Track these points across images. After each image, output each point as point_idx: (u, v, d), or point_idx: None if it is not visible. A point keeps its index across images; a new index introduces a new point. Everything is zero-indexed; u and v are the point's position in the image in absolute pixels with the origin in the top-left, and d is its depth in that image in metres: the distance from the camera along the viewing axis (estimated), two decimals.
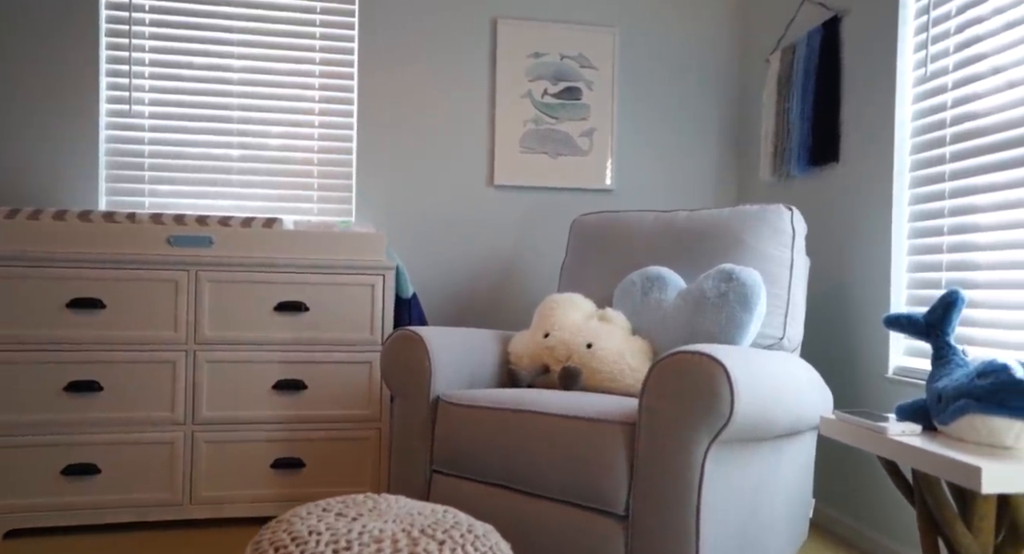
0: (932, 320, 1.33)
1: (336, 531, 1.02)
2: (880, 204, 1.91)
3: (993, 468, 0.99)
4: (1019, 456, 1.05)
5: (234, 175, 2.41)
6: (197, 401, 1.99)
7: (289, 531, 1.03)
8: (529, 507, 1.43)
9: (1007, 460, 1.03)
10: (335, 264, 2.06)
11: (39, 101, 2.29)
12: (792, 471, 1.61)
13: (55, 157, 2.30)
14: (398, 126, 2.51)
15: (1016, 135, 1.51)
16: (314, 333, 2.05)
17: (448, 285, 2.54)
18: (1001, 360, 1.12)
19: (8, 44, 2.27)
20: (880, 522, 1.87)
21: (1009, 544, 1.14)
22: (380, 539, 1.00)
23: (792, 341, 1.78)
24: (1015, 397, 1.07)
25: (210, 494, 2.00)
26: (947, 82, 1.71)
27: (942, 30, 1.73)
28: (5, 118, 2.28)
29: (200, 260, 1.98)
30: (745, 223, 1.83)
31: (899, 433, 1.20)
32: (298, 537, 1.01)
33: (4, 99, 2.28)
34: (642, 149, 2.67)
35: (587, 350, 1.69)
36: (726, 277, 1.64)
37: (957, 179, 1.67)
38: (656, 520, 1.27)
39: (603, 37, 2.61)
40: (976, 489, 1.00)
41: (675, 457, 1.25)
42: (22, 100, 2.28)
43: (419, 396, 1.65)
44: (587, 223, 2.15)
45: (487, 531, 1.10)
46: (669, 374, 1.26)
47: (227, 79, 2.40)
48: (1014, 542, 1.13)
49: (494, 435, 1.49)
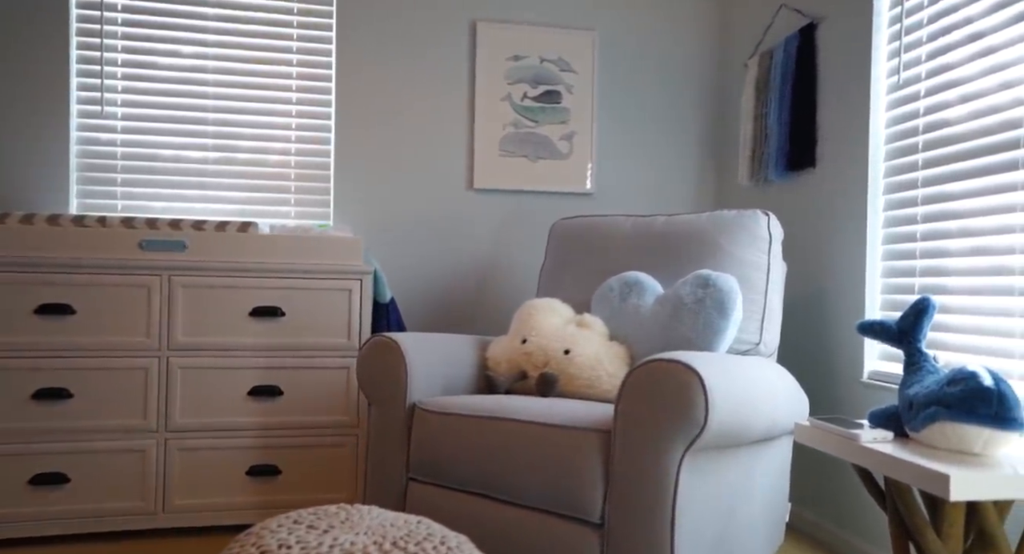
0: (904, 327, 1.34)
1: (307, 544, 1.00)
2: (855, 210, 1.93)
3: (961, 476, 1.00)
4: (987, 463, 1.07)
5: (209, 178, 2.38)
6: (170, 408, 1.95)
7: (259, 545, 1.01)
8: (505, 515, 1.42)
9: (975, 467, 1.04)
10: (311, 268, 2.04)
11: (7, 102, 2.24)
12: (768, 476, 1.62)
13: (24, 159, 2.25)
14: (377, 129, 2.49)
15: (986, 143, 1.53)
16: (290, 338, 2.03)
17: (427, 289, 2.52)
18: (970, 367, 1.14)
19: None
20: (856, 525, 1.89)
21: (978, 549, 1.15)
22: (351, 552, 0.99)
23: (769, 346, 1.79)
24: (983, 405, 1.08)
25: (184, 502, 1.97)
26: (920, 90, 1.73)
27: (914, 39, 1.75)
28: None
29: (173, 265, 1.95)
30: (722, 228, 1.84)
31: (871, 440, 1.20)
32: (268, 551, 0.99)
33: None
34: (622, 153, 2.67)
35: (564, 356, 1.69)
36: (703, 283, 1.64)
37: (929, 186, 1.69)
38: (631, 528, 1.27)
39: (583, 40, 2.61)
40: (944, 497, 1.00)
41: (650, 465, 1.25)
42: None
43: (395, 403, 1.64)
44: (566, 227, 2.15)
45: (461, 542, 1.09)
46: (644, 382, 1.26)
47: (202, 80, 2.36)
48: (983, 548, 1.14)
49: (470, 443, 1.48)
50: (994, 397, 1.08)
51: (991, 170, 1.52)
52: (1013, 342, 1.45)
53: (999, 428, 1.08)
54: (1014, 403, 1.08)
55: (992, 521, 1.09)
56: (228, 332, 1.99)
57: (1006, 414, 1.08)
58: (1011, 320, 1.46)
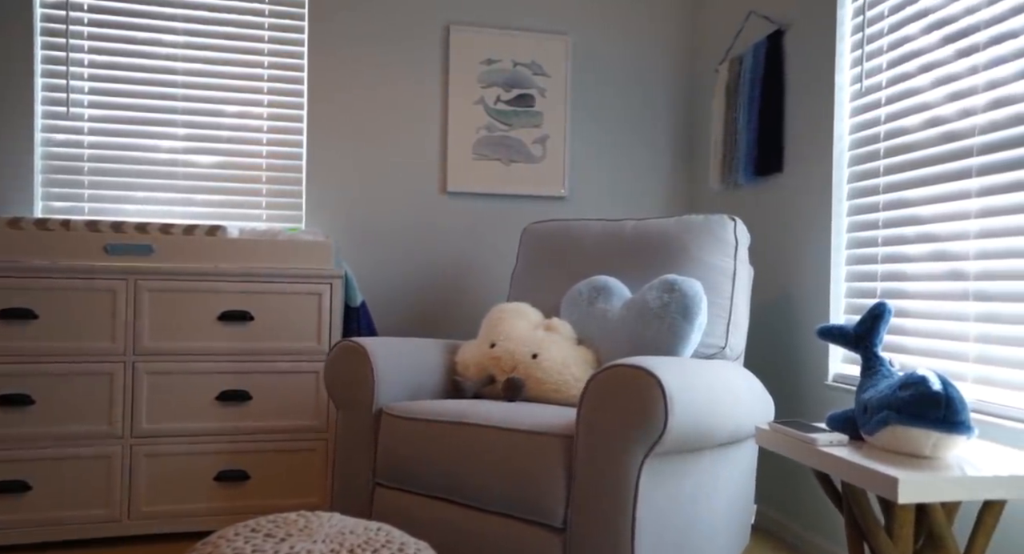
0: (861, 332, 1.36)
1: (263, 553, 1.00)
2: (821, 215, 1.96)
3: (909, 479, 1.03)
4: (936, 466, 1.09)
5: (179, 181, 2.36)
6: (136, 413, 1.93)
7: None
8: (470, 520, 1.43)
9: (923, 470, 1.06)
10: (281, 272, 2.03)
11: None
12: (733, 478, 1.64)
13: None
14: (349, 132, 2.48)
15: (940, 151, 1.56)
16: (259, 343, 2.02)
17: (400, 293, 2.52)
18: (920, 372, 1.16)
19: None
20: (822, 527, 1.92)
21: (928, 550, 1.18)
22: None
23: (734, 350, 1.81)
24: (932, 409, 1.11)
25: (150, 509, 1.95)
26: (881, 97, 1.76)
27: (876, 47, 1.78)
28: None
29: (139, 269, 1.93)
30: (689, 233, 1.86)
31: (827, 444, 1.23)
32: None
33: None
34: (595, 156, 2.69)
35: (532, 360, 1.69)
36: (668, 288, 1.66)
37: (890, 192, 1.72)
38: (592, 532, 1.28)
39: (556, 45, 2.62)
40: (893, 499, 1.03)
41: (610, 470, 1.26)
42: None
43: (362, 408, 1.64)
44: (537, 231, 2.16)
45: (420, 549, 1.09)
46: (605, 388, 1.27)
47: (171, 81, 2.34)
48: (932, 548, 1.16)
49: (435, 448, 1.48)
50: (942, 401, 1.10)
51: (945, 177, 1.55)
52: (967, 345, 1.49)
53: (947, 431, 1.10)
54: (961, 407, 1.11)
55: (940, 522, 1.11)
56: (196, 337, 1.97)
57: (954, 418, 1.10)
58: (965, 324, 1.49)
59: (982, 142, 1.46)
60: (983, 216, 1.46)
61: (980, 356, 1.46)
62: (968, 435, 1.12)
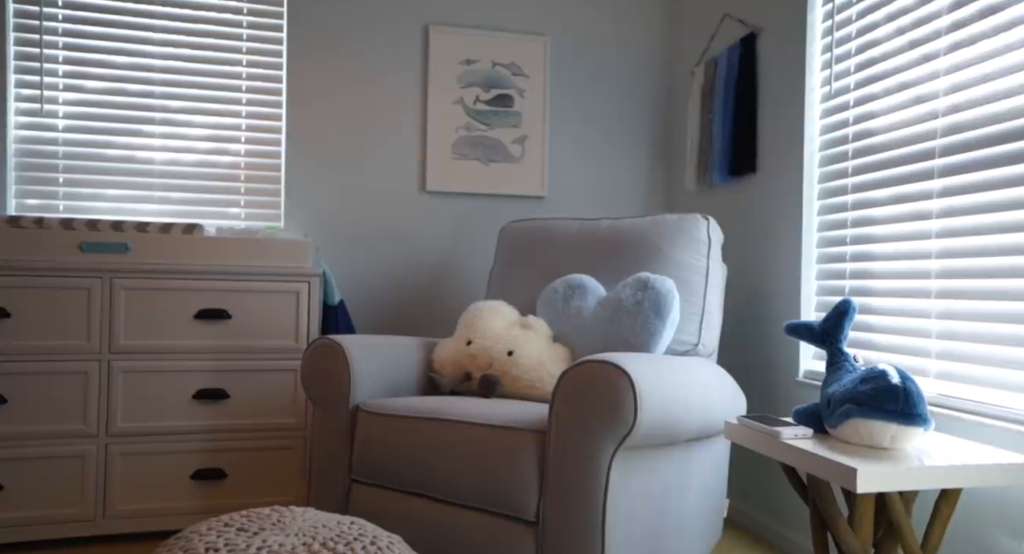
0: (826, 328, 1.40)
1: (235, 547, 1.01)
2: (792, 215, 2.00)
3: (868, 469, 1.06)
4: (895, 457, 1.12)
5: (156, 179, 2.35)
6: (111, 412, 1.92)
7: (186, 548, 1.01)
8: (445, 515, 1.44)
9: (882, 461, 1.09)
10: (258, 270, 2.03)
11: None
12: (705, 473, 1.67)
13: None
14: (329, 131, 2.48)
15: (905, 153, 1.60)
16: (237, 341, 2.01)
17: (379, 292, 2.53)
18: (881, 366, 1.20)
19: None
20: (794, 520, 1.96)
21: (888, 539, 1.21)
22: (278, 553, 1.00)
23: (707, 347, 1.84)
24: (891, 401, 1.14)
25: (126, 508, 1.94)
26: (849, 100, 1.80)
27: (845, 50, 1.82)
28: None
29: (115, 267, 1.92)
30: (663, 232, 1.89)
31: (791, 437, 1.26)
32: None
33: None
34: (574, 157, 2.71)
35: (508, 357, 1.71)
36: (642, 285, 1.69)
37: (858, 192, 1.77)
38: (564, 526, 1.30)
39: (535, 46, 2.64)
40: (852, 489, 1.06)
41: (581, 464, 1.29)
42: None
43: (338, 405, 1.65)
44: (515, 230, 2.18)
45: (392, 542, 1.10)
46: (576, 383, 1.29)
47: (148, 79, 2.33)
48: (892, 537, 1.20)
49: (411, 444, 1.49)
50: (900, 394, 1.14)
51: (909, 179, 1.59)
52: (929, 342, 1.53)
53: (905, 423, 1.14)
54: (919, 400, 1.14)
55: (898, 512, 1.15)
56: (172, 335, 1.97)
57: (911, 410, 1.14)
58: (927, 321, 1.53)
59: (944, 144, 1.50)
60: (944, 216, 1.50)
61: (942, 352, 1.50)
62: (925, 427, 1.16)
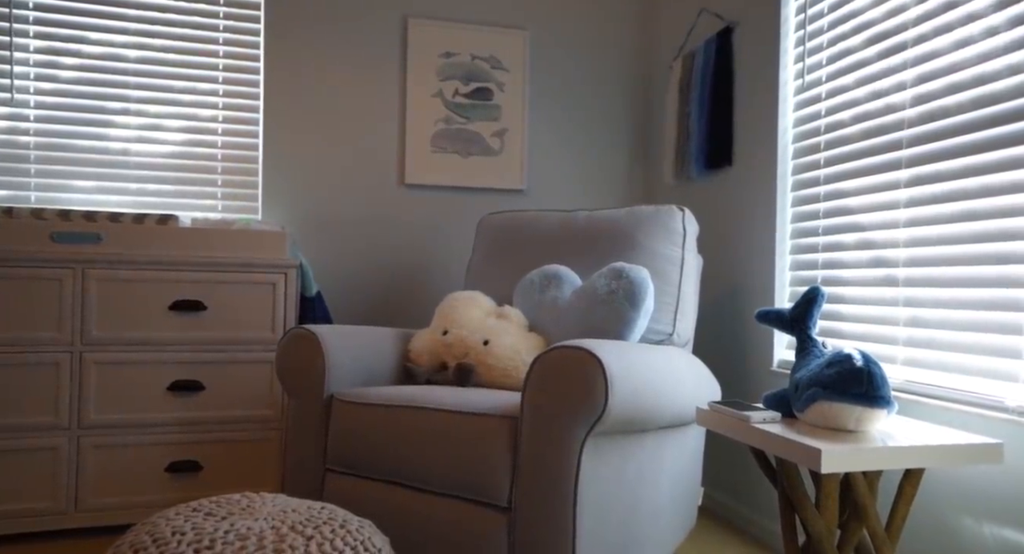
0: (796, 315, 1.42)
1: (201, 531, 1.01)
2: (767, 206, 2.02)
3: (831, 450, 1.08)
4: (859, 439, 1.14)
5: (132, 170, 2.32)
6: (84, 404, 1.90)
7: (152, 533, 1.01)
8: (418, 502, 1.44)
9: (846, 442, 1.11)
10: (234, 261, 2.01)
11: None
12: (679, 461, 1.68)
13: None
14: (306, 123, 2.47)
15: (874, 143, 1.63)
16: (212, 332, 2.00)
17: (358, 284, 2.52)
18: (846, 351, 1.22)
19: None
20: (768, 509, 1.98)
21: (853, 520, 1.23)
22: (246, 537, 0.99)
23: (682, 336, 1.86)
24: (855, 384, 1.16)
25: (98, 501, 1.92)
26: (821, 92, 1.83)
27: (817, 43, 1.85)
28: None
29: (87, 257, 1.90)
30: (639, 223, 1.90)
31: (760, 421, 1.27)
32: (160, 538, 0.99)
33: None
34: (553, 150, 2.72)
35: (483, 347, 1.72)
36: (616, 275, 1.70)
37: (830, 183, 1.79)
38: (535, 511, 1.31)
39: (514, 39, 2.65)
40: (817, 469, 1.08)
41: (552, 450, 1.29)
42: None
43: (313, 395, 1.64)
44: (493, 222, 2.18)
45: (362, 526, 1.10)
46: (548, 368, 1.30)
47: (123, 69, 2.30)
48: (857, 519, 1.22)
49: (385, 432, 1.50)
50: (864, 377, 1.16)
51: (878, 169, 1.62)
52: (896, 330, 1.56)
53: (869, 406, 1.16)
54: (882, 382, 1.17)
55: (862, 492, 1.17)
56: (146, 326, 1.95)
57: (875, 392, 1.16)
58: (895, 309, 1.56)
59: (911, 135, 1.53)
60: (911, 206, 1.53)
61: (909, 340, 1.52)
62: (889, 410, 1.18)
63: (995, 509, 1.30)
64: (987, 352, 1.34)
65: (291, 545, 0.98)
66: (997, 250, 1.33)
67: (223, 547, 0.96)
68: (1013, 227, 1.30)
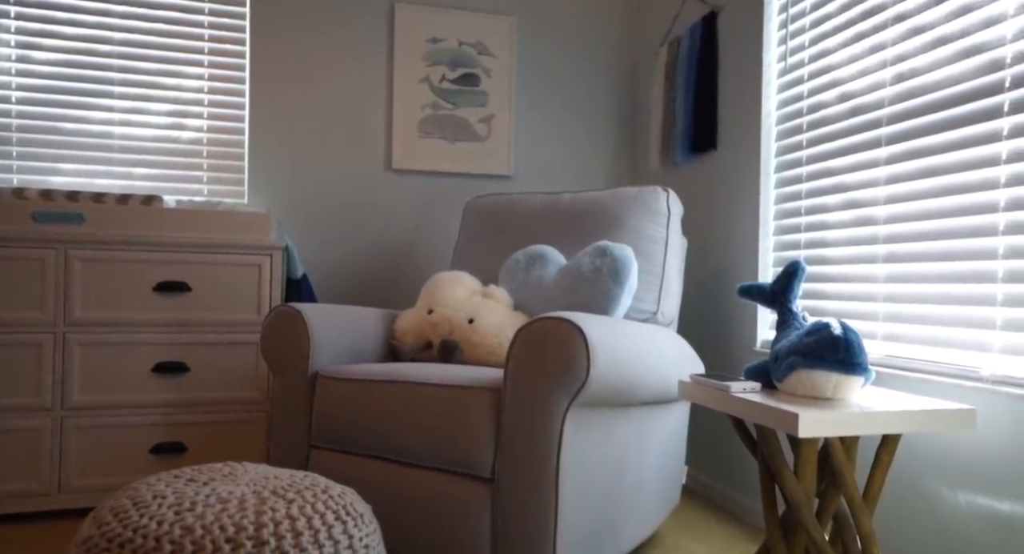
0: (776, 288, 1.43)
1: (182, 495, 1.01)
2: (751, 189, 2.04)
3: (809, 415, 1.09)
4: (836, 406, 1.16)
5: (116, 154, 2.31)
6: (67, 385, 1.89)
7: (132, 497, 1.01)
8: (402, 476, 1.45)
9: (823, 408, 1.13)
10: (219, 243, 2.01)
11: None
12: (663, 438, 1.70)
13: None
14: (293, 108, 2.47)
15: (856, 122, 1.64)
16: (197, 314, 2.00)
17: (344, 268, 2.52)
18: (824, 320, 1.23)
19: None
20: (750, 488, 2.00)
21: (831, 488, 1.25)
22: (227, 500, 1.00)
23: (666, 315, 1.87)
24: (832, 351, 1.18)
25: (82, 482, 1.91)
26: (804, 74, 1.84)
27: (800, 25, 1.86)
28: None
29: (70, 237, 1.89)
30: (623, 204, 1.91)
31: (740, 391, 1.29)
32: (140, 501, 0.99)
33: None
34: (540, 137, 2.73)
35: (468, 325, 1.72)
36: (601, 253, 1.71)
37: (812, 163, 1.81)
38: (518, 481, 1.31)
39: (501, 25, 2.65)
40: (794, 433, 1.09)
41: (535, 419, 1.30)
42: None
43: (297, 372, 1.64)
44: (479, 205, 2.19)
45: (343, 492, 1.11)
46: (531, 339, 1.31)
47: (107, 52, 2.29)
48: (835, 486, 1.24)
49: (369, 407, 1.50)
50: (841, 344, 1.17)
51: (859, 148, 1.64)
52: (877, 306, 1.57)
53: (846, 372, 1.18)
54: (859, 350, 1.18)
55: (840, 459, 1.18)
56: (130, 307, 1.94)
57: (852, 359, 1.17)
58: (875, 285, 1.58)
59: (891, 112, 1.55)
60: (891, 183, 1.54)
61: (888, 315, 1.54)
62: (866, 377, 1.20)
63: (969, 477, 1.32)
64: (963, 324, 1.36)
65: (272, 507, 0.98)
66: (972, 223, 1.35)
67: (204, 510, 0.96)
68: (987, 200, 1.32)
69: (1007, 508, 1.25)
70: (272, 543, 0.92)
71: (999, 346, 1.29)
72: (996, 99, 1.31)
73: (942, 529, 1.37)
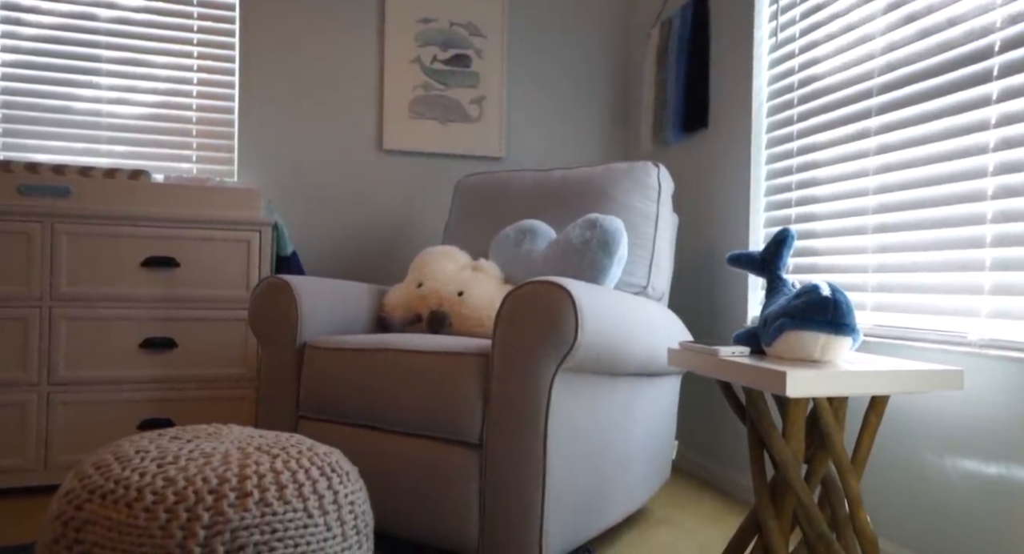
0: (766, 256, 1.43)
1: (166, 450, 1.00)
2: (742, 166, 2.04)
3: (797, 374, 1.09)
4: (824, 367, 1.16)
5: (104, 131, 2.29)
6: (53, 360, 1.88)
7: (115, 452, 1.00)
8: (391, 443, 1.44)
9: (812, 368, 1.12)
10: (208, 218, 1.99)
11: None
12: (653, 412, 1.70)
13: None
14: (284, 87, 2.45)
15: (846, 94, 1.64)
16: (185, 290, 1.98)
17: (335, 247, 2.51)
18: (813, 282, 1.23)
19: None
20: (740, 464, 2.00)
21: (820, 451, 1.25)
22: (210, 454, 0.99)
23: (656, 289, 1.87)
24: (820, 312, 1.17)
25: (69, 458, 1.89)
26: (794, 48, 1.84)
27: (789, 0, 1.86)
28: None
29: (57, 211, 1.87)
30: (614, 179, 1.91)
31: (728, 355, 1.28)
32: (123, 456, 0.98)
33: None
34: (532, 117, 2.72)
35: (458, 298, 1.72)
36: (590, 225, 1.70)
37: (803, 138, 1.81)
38: (506, 446, 1.31)
39: (492, 6, 2.64)
40: (782, 393, 1.09)
41: (524, 383, 1.30)
42: None
43: (285, 343, 1.63)
44: (470, 184, 2.18)
45: (330, 451, 1.10)
46: (519, 302, 1.30)
47: (94, 28, 2.27)
48: (823, 449, 1.24)
49: (357, 376, 1.49)
50: (830, 305, 1.17)
51: (849, 120, 1.63)
52: (867, 276, 1.58)
53: (834, 333, 1.17)
54: (847, 310, 1.18)
55: (828, 421, 1.18)
56: (118, 282, 1.93)
57: (840, 319, 1.17)
58: (864, 256, 1.58)
59: (881, 83, 1.55)
60: (881, 153, 1.54)
61: (878, 285, 1.55)
62: (855, 338, 1.20)
63: (956, 440, 1.32)
64: (951, 291, 1.36)
65: (256, 461, 0.97)
66: (961, 190, 1.35)
67: (187, 463, 0.95)
68: (973, 166, 1.32)
69: (993, 471, 1.26)
70: (256, 495, 0.91)
71: (987, 311, 1.30)
72: (986, 63, 1.31)
73: (929, 492, 1.38)
